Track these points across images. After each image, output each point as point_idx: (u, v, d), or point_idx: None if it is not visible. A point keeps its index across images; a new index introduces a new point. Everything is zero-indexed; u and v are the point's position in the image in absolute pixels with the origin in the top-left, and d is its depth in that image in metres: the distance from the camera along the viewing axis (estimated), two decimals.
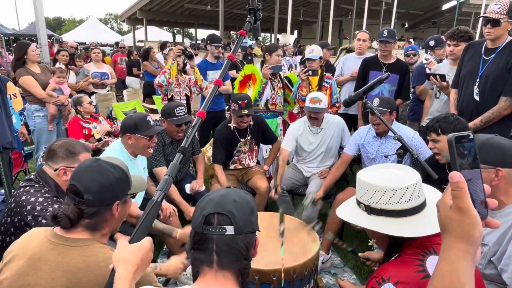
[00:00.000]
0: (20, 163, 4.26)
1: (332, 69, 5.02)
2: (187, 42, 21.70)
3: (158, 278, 2.47)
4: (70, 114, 4.44)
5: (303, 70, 3.90)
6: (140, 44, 20.52)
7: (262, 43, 19.94)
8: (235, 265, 1.00)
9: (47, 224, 1.29)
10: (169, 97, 3.88)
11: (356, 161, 3.51)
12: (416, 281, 1.06)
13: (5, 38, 13.72)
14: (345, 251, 3.14)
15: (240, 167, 3.46)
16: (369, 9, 17.03)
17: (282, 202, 3.28)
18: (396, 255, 1.21)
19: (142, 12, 21.44)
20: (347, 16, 23.07)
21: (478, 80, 2.75)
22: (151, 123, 2.53)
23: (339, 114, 4.00)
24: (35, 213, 1.69)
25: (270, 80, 3.78)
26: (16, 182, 4.11)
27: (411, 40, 17.08)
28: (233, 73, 6.47)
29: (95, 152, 3.60)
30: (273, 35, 21.11)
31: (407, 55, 4.83)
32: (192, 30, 31.89)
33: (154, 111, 6.23)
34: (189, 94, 3.97)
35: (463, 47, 3.10)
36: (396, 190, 1.16)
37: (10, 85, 3.85)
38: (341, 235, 3.27)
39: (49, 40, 12.18)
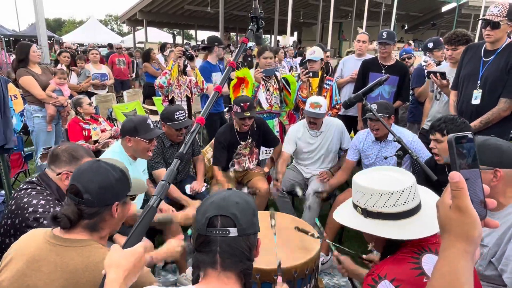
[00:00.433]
0: (20, 164, 4.26)
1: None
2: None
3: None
4: (70, 115, 4.44)
5: (303, 72, 3.91)
6: (140, 45, 20.52)
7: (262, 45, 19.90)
8: (238, 266, 1.01)
9: (48, 225, 1.30)
10: (169, 98, 3.88)
11: (357, 163, 3.52)
12: (412, 278, 1.08)
13: (5, 39, 13.70)
14: (344, 252, 3.13)
15: (239, 169, 3.46)
16: (369, 11, 17.04)
17: (281, 203, 3.29)
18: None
19: (142, 14, 21.50)
20: (347, 18, 23.09)
21: (479, 82, 2.76)
22: (151, 126, 2.53)
23: (338, 116, 4.00)
24: (37, 215, 1.69)
25: (264, 82, 3.79)
26: (16, 183, 4.11)
27: (410, 41, 17.10)
28: (232, 74, 6.50)
29: (95, 153, 3.60)
30: (273, 36, 21.14)
31: (401, 59, 4.83)
32: (192, 32, 31.94)
33: (154, 112, 6.23)
34: (189, 96, 3.97)
35: (461, 50, 3.11)
36: (392, 193, 1.17)
37: (11, 86, 3.86)
38: (341, 237, 3.27)
39: (49, 41, 12.17)
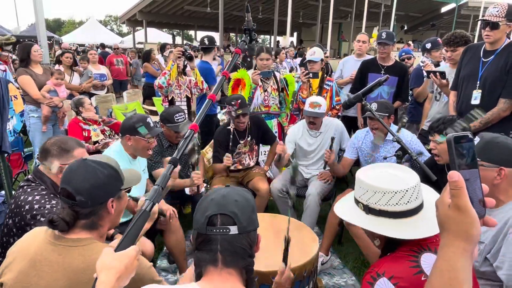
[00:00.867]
0: (20, 164, 4.26)
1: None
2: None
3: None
4: (67, 116, 4.44)
5: (303, 72, 3.92)
6: (140, 46, 20.52)
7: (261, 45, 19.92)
8: (240, 263, 1.01)
9: (45, 222, 1.30)
10: (169, 98, 3.88)
11: (356, 163, 3.53)
12: (410, 276, 1.09)
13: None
14: (344, 253, 3.14)
15: (240, 167, 3.47)
16: (368, 11, 17.07)
17: (281, 204, 3.29)
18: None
19: (142, 14, 21.50)
20: (347, 18, 23.12)
21: (478, 82, 2.77)
22: (151, 124, 2.53)
23: (338, 117, 4.01)
24: (34, 212, 1.70)
25: (262, 83, 3.79)
26: (16, 183, 4.11)
27: (410, 42, 17.11)
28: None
29: (95, 154, 3.60)
30: (272, 37, 21.16)
31: (401, 60, 4.84)
32: (191, 32, 31.95)
33: (154, 112, 6.24)
34: (189, 96, 3.98)
35: (461, 51, 3.11)
36: (396, 192, 1.17)
37: (11, 87, 3.85)
38: (340, 238, 3.27)
39: (49, 42, 12.16)
